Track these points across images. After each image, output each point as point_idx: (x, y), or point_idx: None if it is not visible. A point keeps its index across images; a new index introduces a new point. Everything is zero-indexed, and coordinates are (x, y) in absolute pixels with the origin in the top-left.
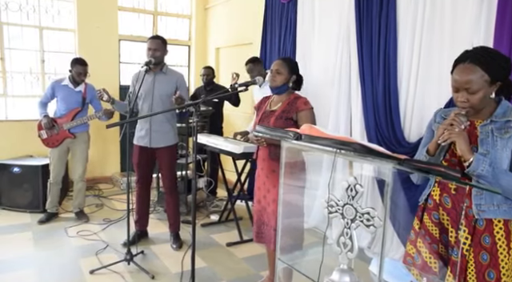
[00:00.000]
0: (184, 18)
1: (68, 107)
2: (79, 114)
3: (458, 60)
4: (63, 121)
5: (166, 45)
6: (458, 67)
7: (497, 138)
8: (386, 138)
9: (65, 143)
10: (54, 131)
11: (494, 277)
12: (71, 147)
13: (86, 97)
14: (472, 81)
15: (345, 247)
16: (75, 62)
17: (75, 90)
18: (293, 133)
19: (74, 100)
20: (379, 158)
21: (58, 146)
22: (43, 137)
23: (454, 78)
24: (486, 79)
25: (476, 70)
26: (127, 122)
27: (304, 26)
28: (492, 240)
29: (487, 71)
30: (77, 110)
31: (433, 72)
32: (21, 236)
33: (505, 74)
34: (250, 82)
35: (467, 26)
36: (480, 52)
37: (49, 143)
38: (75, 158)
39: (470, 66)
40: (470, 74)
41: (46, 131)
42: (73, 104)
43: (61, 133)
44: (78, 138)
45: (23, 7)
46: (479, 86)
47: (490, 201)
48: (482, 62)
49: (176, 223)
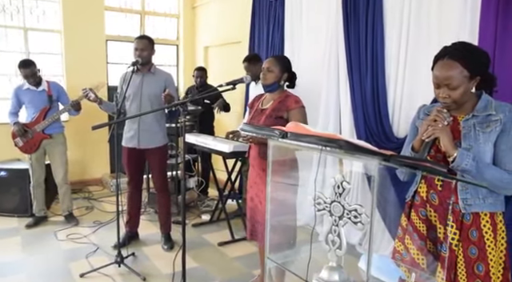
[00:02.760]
0: (172, 17)
1: (36, 110)
2: (49, 113)
3: (438, 56)
4: (34, 123)
5: (153, 44)
6: (437, 64)
7: (479, 132)
8: (375, 134)
9: (41, 145)
10: (28, 136)
11: (482, 270)
12: (48, 149)
13: (51, 94)
14: (452, 77)
15: (333, 244)
16: (18, 66)
17: (38, 90)
18: (279, 131)
19: (40, 101)
20: (365, 154)
21: (36, 151)
22: (19, 145)
23: (434, 75)
24: (466, 75)
25: (455, 65)
26: (114, 123)
27: (292, 24)
28: (479, 234)
29: (466, 66)
30: (46, 109)
31: (420, 68)
32: (9, 241)
33: (483, 68)
34: (238, 81)
35: (453, 21)
36: (459, 48)
37: (27, 149)
38: (55, 162)
39: (449, 62)
40: (450, 70)
41: (20, 139)
42: (40, 105)
43: (36, 136)
44: (54, 139)
45: (6, 8)
46: (459, 82)
47: (475, 195)
48: (460, 57)
49: (167, 223)
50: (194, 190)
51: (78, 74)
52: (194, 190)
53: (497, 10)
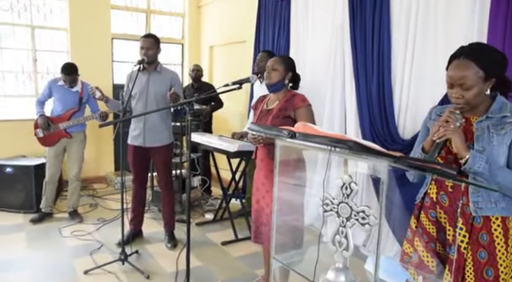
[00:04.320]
0: (177, 16)
1: (65, 108)
2: (76, 115)
3: (453, 56)
4: (59, 121)
5: (158, 43)
6: (452, 63)
7: (493, 134)
8: (380, 135)
9: (61, 142)
10: (50, 131)
11: (492, 275)
12: (67, 146)
13: (83, 96)
14: (466, 77)
15: (340, 245)
16: (61, 70)
17: (72, 90)
18: (287, 131)
19: (70, 100)
20: (374, 155)
21: (53, 145)
22: (39, 136)
23: (448, 74)
24: (481, 75)
25: (471, 66)
26: (120, 121)
27: (298, 24)
28: (490, 238)
29: (482, 67)
30: (73, 111)
31: (427, 69)
32: (14, 237)
33: (500, 70)
34: (244, 81)
35: (461, 22)
36: (475, 48)
37: (45, 142)
38: (71, 157)
39: (464, 61)
40: (465, 70)
41: (42, 130)
42: (70, 104)
43: (57, 132)
44: (74, 137)
45: (14, 6)
46: (473, 82)
47: (487, 198)
48: (476, 58)
49: (171, 221)
50: (198, 189)
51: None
52: (198, 189)
53: (506, 10)
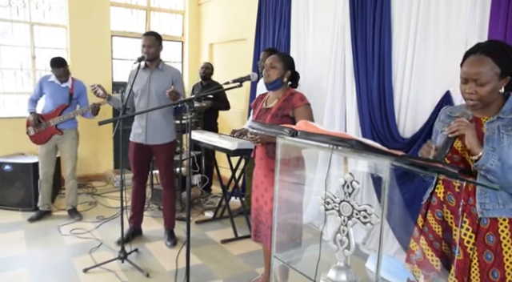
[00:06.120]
0: (177, 13)
1: (55, 103)
2: (66, 110)
3: (470, 52)
4: (50, 117)
5: (160, 41)
6: (468, 58)
7: (503, 135)
8: (380, 134)
9: (52, 139)
10: (41, 128)
11: (498, 277)
12: (59, 144)
13: (73, 93)
14: (481, 72)
15: (341, 244)
16: (51, 64)
17: (62, 86)
18: (288, 129)
19: (60, 96)
20: (376, 154)
21: (45, 142)
22: (31, 134)
23: (463, 70)
24: (497, 72)
25: (487, 61)
26: (119, 119)
27: (298, 22)
28: (496, 239)
29: (498, 63)
30: (64, 106)
31: (427, 68)
32: (13, 235)
33: None
34: (244, 79)
35: (462, 22)
36: (493, 45)
37: (36, 139)
38: (64, 155)
39: (481, 57)
40: (481, 65)
41: (33, 128)
42: (60, 100)
43: (48, 129)
44: (65, 134)
45: (13, 2)
46: (488, 78)
47: (494, 200)
48: (494, 54)
49: (171, 219)
50: (198, 187)
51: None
52: (198, 187)
53: (507, 10)
